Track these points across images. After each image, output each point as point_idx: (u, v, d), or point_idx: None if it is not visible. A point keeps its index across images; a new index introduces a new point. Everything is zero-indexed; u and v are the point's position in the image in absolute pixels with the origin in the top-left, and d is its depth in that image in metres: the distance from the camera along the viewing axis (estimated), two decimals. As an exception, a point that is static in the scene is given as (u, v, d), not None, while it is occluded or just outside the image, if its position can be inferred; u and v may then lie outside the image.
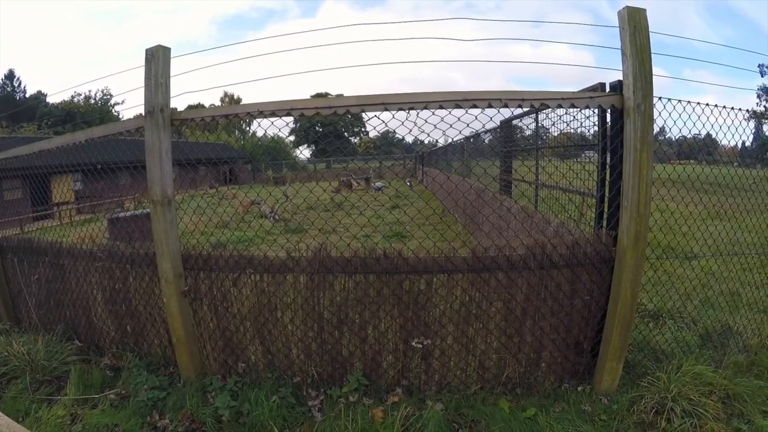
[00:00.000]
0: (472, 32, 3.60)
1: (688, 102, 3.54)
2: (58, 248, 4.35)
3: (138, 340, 4.01)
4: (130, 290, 3.88)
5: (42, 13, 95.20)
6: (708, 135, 4.11)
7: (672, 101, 3.42)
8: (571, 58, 4.63)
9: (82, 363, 4.00)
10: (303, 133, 64.30)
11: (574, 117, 3.87)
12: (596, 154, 3.58)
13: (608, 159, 3.30)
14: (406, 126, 2.95)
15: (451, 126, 2.94)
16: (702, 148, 4.72)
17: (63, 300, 4.44)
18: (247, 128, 56.49)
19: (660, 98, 3.29)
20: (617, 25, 3.09)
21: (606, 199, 3.34)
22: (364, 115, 3.01)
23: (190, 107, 3.91)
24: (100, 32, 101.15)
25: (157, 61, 3.24)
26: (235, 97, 57.99)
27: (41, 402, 3.53)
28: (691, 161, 4.66)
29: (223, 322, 3.54)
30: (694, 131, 3.66)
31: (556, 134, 4.88)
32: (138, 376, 3.64)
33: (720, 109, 3.72)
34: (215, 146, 37.87)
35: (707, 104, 3.65)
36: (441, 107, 2.91)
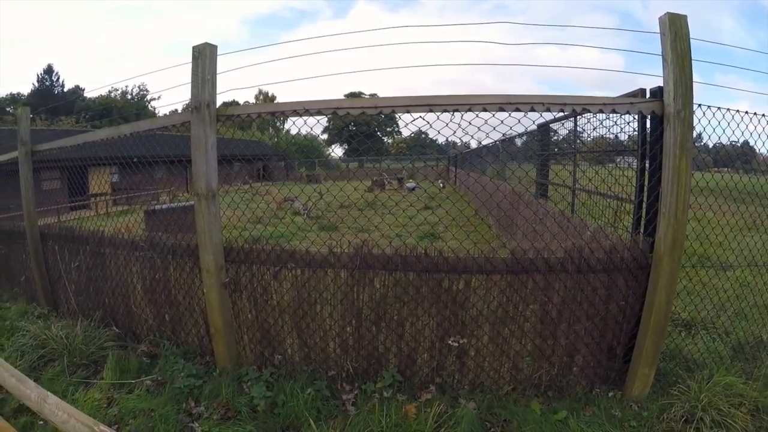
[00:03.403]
0: (501, 35, 3.63)
1: (728, 109, 3.52)
2: (100, 237, 4.49)
3: (175, 329, 4.11)
4: (170, 280, 3.98)
5: (78, 9, 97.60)
6: (746, 143, 4.07)
7: (711, 108, 3.41)
8: (600, 61, 4.63)
9: (119, 349, 4.12)
10: (336, 132, 64.38)
11: (615, 122, 3.86)
12: (635, 160, 3.58)
13: (647, 165, 3.30)
14: (450, 127, 2.99)
15: (494, 129, 2.97)
16: (739, 157, 4.66)
17: (102, 287, 4.58)
18: (281, 126, 56.87)
19: (699, 105, 3.27)
20: (649, 29, 3.08)
21: (644, 205, 3.34)
22: (408, 116, 3.05)
23: (224, 104, 4.03)
24: (130, 29, 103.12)
25: (204, 58, 3.33)
26: (270, 95, 58.32)
27: (78, 384, 3.64)
28: (728, 170, 4.60)
29: (261, 314, 3.62)
30: (732, 139, 3.63)
31: (592, 139, 4.87)
32: (175, 364, 3.74)
33: (759, 117, 3.68)
34: (250, 143, 38.12)
35: (746, 112, 3.61)
36: (485, 110, 2.95)
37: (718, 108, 3.46)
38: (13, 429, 2.74)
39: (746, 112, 3.61)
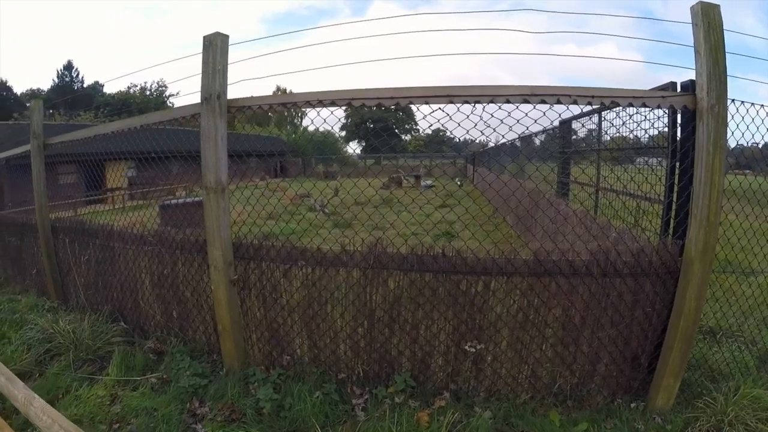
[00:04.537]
0: (519, 32, 3.47)
1: (761, 106, 3.33)
2: (109, 231, 4.44)
3: (183, 326, 4.04)
4: (179, 276, 3.90)
5: (97, 6, 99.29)
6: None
7: (745, 104, 3.22)
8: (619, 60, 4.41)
9: (126, 345, 4.07)
10: (354, 128, 64.01)
11: (646, 117, 3.68)
12: (664, 159, 3.41)
13: (677, 164, 3.12)
14: (471, 120, 2.84)
15: (518, 121, 2.82)
16: (764, 158, 4.43)
17: (111, 282, 4.53)
18: (299, 122, 56.77)
19: (733, 100, 3.09)
20: (669, 27, 2.93)
21: (674, 206, 3.16)
22: (427, 107, 2.91)
23: (242, 98, 3.98)
24: (148, 27, 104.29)
25: (215, 48, 3.23)
26: (287, 92, 58.33)
27: (82, 380, 3.58)
28: (750, 172, 4.40)
29: (270, 313, 3.51)
30: (757, 140, 3.44)
31: (619, 135, 4.68)
32: (181, 362, 3.66)
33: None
34: (266, 139, 38.14)
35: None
36: (508, 101, 2.80)
37: (752, 104, 3.28)
38: (10, 429, 2.66)
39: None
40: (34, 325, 4.29)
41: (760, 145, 3.84)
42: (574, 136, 6.38)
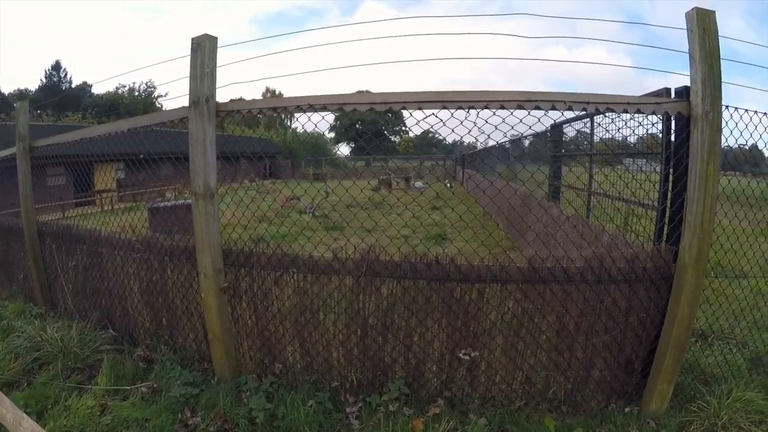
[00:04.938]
0: (511, 37, 3.46)
1: (755, 112, 3.34)
2: (97, 236, 4.35)
3: (173, 334, 3.97)
4: (168, 283, 3.83)
5: (86, 6, 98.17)
6: (754, 146, 3.88)
7: (739, 110, 3.22)
8: (609, 61, 4.43)
9: (115, 353, 3.99)
10: (343, 130, 63.78)
11: (641, 123, 3.68)
12: (655, 164, 3.41)
13: (671, 170, 3.12)
14: (465, 126, 2.80)
15: (512, 127, 2.79)
16: (748, 159, 4.45)
17: (99, 288, 4.44)
18: (289, 124, 56.52)
19: (727, 107, 3.08)
20: (656, 31, 2.93)
21: (667, 213, 3.16)
22: (420, 113, 2.88)
23: (232, 101, 3.93)
24: (139, 28, 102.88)
25: (203, 50, 3.17)
26: (277, 93, 57.79)
27: (71, 390, 3.49)
28: (735, 173, 4.42)
29: (262, 320, 3.46)
30: (749, 142, 3.45)
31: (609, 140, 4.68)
32: (171, 371, 3.59)
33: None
34: (256, 140, 37.92)
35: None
36: (502, 107, 2.76)
37: (746, 110, 3.28)
38: None
39: (774, 114, 3.41)
40: (22, 332, 4.19)
41: (748, 146, 3.85)
42: (565, 138, 6.38)
